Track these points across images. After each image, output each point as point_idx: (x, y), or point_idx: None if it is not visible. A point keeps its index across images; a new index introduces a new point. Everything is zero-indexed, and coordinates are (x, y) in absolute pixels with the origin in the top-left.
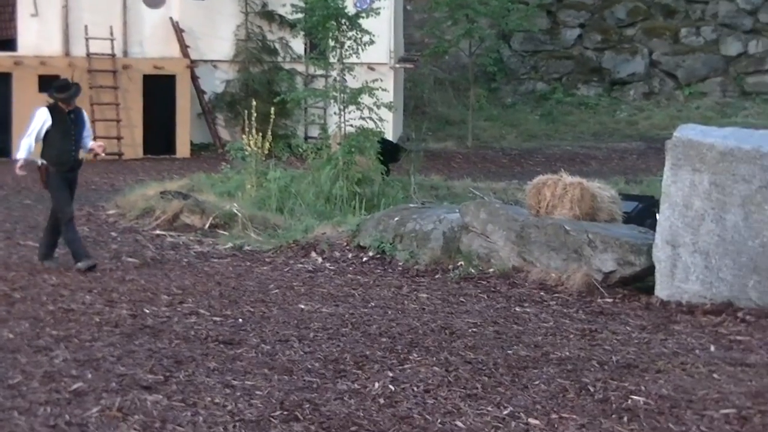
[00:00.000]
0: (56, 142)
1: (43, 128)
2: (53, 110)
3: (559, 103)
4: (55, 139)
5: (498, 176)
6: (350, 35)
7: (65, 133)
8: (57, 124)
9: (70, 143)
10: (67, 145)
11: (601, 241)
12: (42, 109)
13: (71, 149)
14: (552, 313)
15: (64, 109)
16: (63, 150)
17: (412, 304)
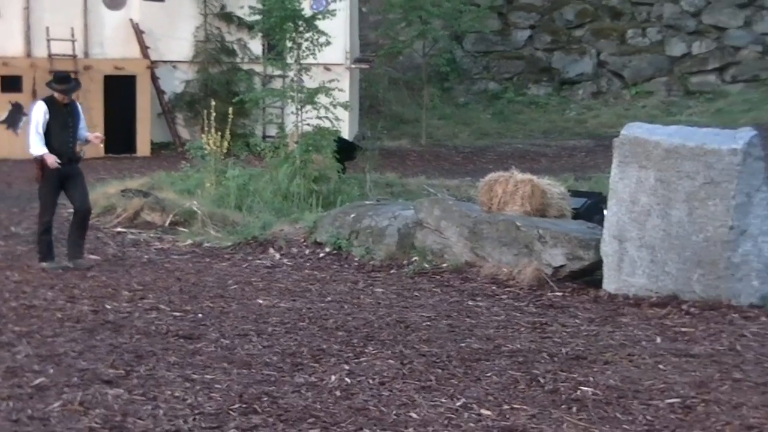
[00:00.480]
0: (54, 134)
1: (43, 121)
2: (50, 103)
3: (511, 102)
4: (54, 132)
5: (451, 174)
6: (307, 36)
7: (63, 125)
8: (55, 116)
9: (68, 135)
10: (64, 137)
11: (551, 237)
12: (39, 103)
13: (69, 141)
14: (504, 306)
15: (61, 102)
16: (61, 142)
17: (368, 299)
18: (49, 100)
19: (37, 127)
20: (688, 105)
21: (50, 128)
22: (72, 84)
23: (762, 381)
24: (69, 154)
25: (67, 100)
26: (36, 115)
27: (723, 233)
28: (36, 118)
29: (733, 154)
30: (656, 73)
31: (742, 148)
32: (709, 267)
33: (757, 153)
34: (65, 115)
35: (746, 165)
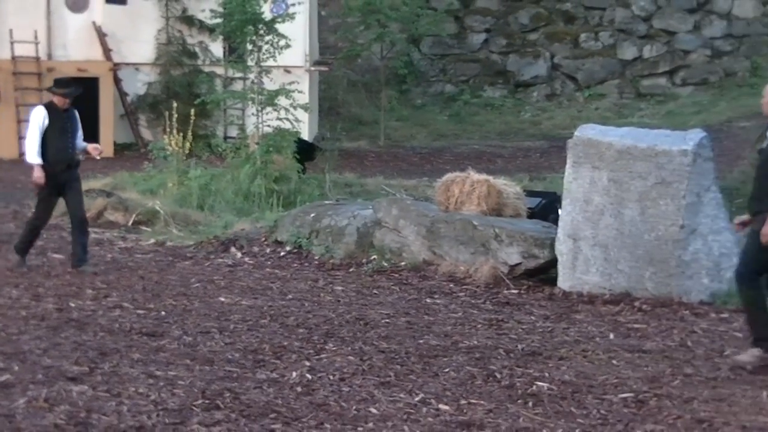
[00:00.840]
0: (52, 140)
1: (42, 127)
2: (50, 108)
3: (467, 104)
4: (52, 138)
5: (409, 174)
6: (267, 39)
7: (62, 131)
8: (54, 122)
9: (66, 141)
10: (63, 143)
11: (506, 236)
12: (38, 108)
13: (68, 147)
14: (461, 304)
15: (60, 108)
16: (60, 148)
17: (328, 297)
18: (49, 106)
19: (35, 133)
20: (640, 107)
21: (49, 134)
22: (72, 89)
23: (712, 376)
24: (67, 159)
25: (67, 105)
26: (35, 120)
27: (674, 232)
28: (34, 124)
29: (684, 155)
30: (608, 76)
31: (692, 149)
32: (660, 265)
33: (706, 154)
34: (64, 120)
35: (696, 165)
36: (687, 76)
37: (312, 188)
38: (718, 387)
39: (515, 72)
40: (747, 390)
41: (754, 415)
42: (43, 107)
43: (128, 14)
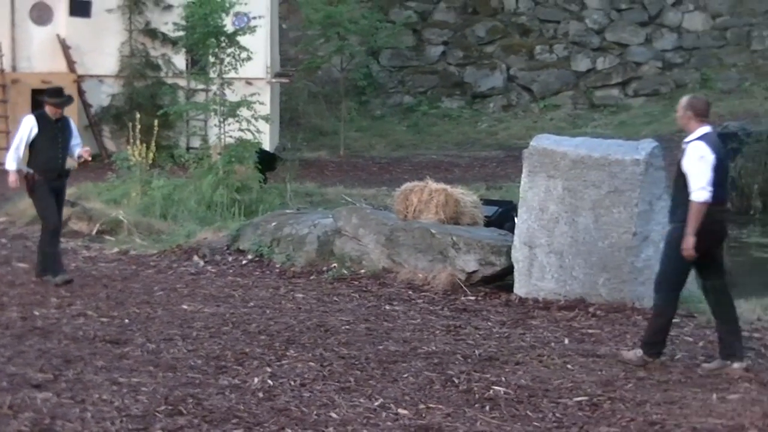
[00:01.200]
0: (43, 149)
1: (30, 136)
2: (40, 118)
3: (425, 114)
4: (42, 147)
5: (368, 183)
6: (229, 52)
7: (52, 140)
8: (44, 131)
9: (57, 150)
10: (53, 153)
11: (464, 243)
12: (28, 117)
13: (58, 156)
14: (419, 310)
15: (51, 117)
16: (49, 157)
17: (289, 304)
18: (40, 115)
19: (20, 142)
20: (593, 117)
21: (39, 143)
22: (65, 98)
23: (664, 379)
24: (57, 169)
25: (59, 114)
26: (22, 129)
27: (627, 239)
28: (21, 132)
29: (636, 164)
30: (563, 87)
31: (644, 159)
32: (613, 271)
33: (658, 163)
34: (55, 130)
35: (648, 174)
36: (639, 88)
37: (273, 197)
38: (669, 390)
39: (472, 83)
40: (697, 393)
41: (704, 417)
42: (33, 116)
43: (92, 27)
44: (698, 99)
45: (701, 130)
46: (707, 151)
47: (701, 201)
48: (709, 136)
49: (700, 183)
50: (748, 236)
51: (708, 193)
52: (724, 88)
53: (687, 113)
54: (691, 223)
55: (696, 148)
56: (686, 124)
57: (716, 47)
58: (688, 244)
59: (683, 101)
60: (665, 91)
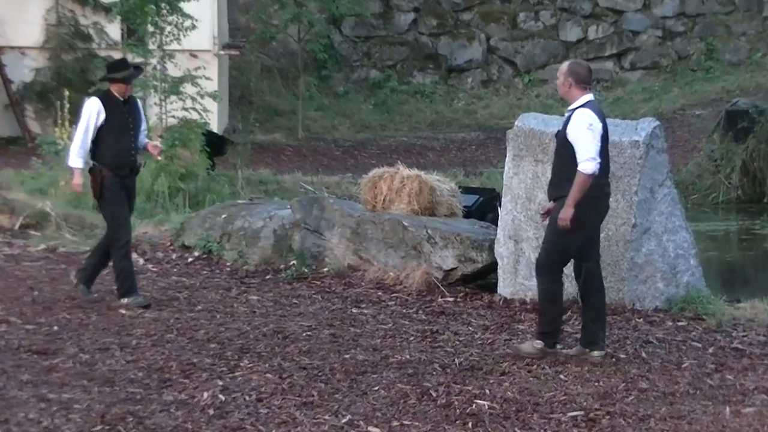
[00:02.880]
0: (112, 139)
1: (96, 123)
2: (106, 100)
3: (394, 91)
4: (111, 137)
5: (331, 170)
6: (171, 20)
7: (122, 127)
8: (112, 116)
9: (129, 140)
10: (125, 143)
11: (440, 237)
12: (91, 100)
13: (131, 147)
14: (390, 314)
15: (119, 98)
16: (121, 149)
17: (242, 307)
18: (105, 97)
19: (85, 132)
20: None
21: (106, 132)
22: (132, 70)
23: (669, 391)
24: (130, 163)
25: (128, 92)
26: (86, 115)
27: (625, 232)
28: (86, 119)
29: (635, 146)
30: (550, 59)
31: (644, 140)
32: (610, 268)
33: (659, 145)
34: (125, 114)
35: (649, 158)
36: (636, 60)
37: (222, 186)
38: (676, 403)
39: (447, 56)
40: (708, 406)
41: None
42: (98, 99)
43: None
44: (580, 64)
45: (585, 98)
46: (595, 119)
47: (589, 173)
48: (594, 104)
49: (588, 153)
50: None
51: (596, 164)
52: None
53: (568, 80)
54: (574, 194)
55: (583, 116)
56: (567, 92)
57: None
58: (566, 214)
59: (563, 67)
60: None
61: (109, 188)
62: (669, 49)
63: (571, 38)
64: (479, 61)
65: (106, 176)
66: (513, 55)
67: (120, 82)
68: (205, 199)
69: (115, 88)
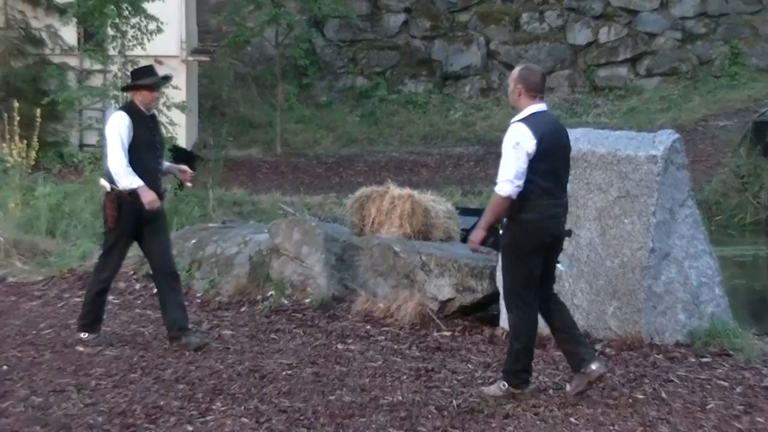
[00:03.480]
0: (138, 160)
1: (127, 138)
2: (132, 113)
3: (383, 101)
4: (137, 157)
5: (313, 189)
6: (133, 22)
7: (149, 146)
8: (140, 133)
9: (156, 161)
10: (152, 164)
11: (436, 264)
12: (118, 113)
13: (157, 170)
14: (380, 350)
15: (144, 111)
16: (148, 172)
17: (214, 343)
18: (130, 110)
19: (121, 147)
20: (596, 103)
21: (132, 151)
22: (158, 77)
23: None
24: (157, 188)
25: (154, 103)
26: (117, 127)
27: (642, 257)
28: (117, 132)
29: (652, 162)
30: (557, 65)
31: (662, 155)
32: (626, 298)
33: (679, 160)
34: (151, 130)
35: (668, 175)
36: (653, 65)
37: (191, 208)
38: None
39: (442, 61)
40: None
41: None
42: (125, 112)
43: None
44: (532, 70)
45: (530, 109)
46: (526, 136)
47: (503, 195)
48: (540, 116)
49: (506, 174)
50: None
51: (514, 187)
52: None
53: (518, 87)
54: (487, 216)
55: (513, 132)
56: (516, 100)
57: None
58: (476, 236)
59: (514, 73)
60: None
61: (126, 219)
62: (689, 53)
63: (580, 41)
64: (478, 68)
65: (125, 203)
66: (515, 61)
67: (146, 89)
68: (172, 223)
69: (139, 98)
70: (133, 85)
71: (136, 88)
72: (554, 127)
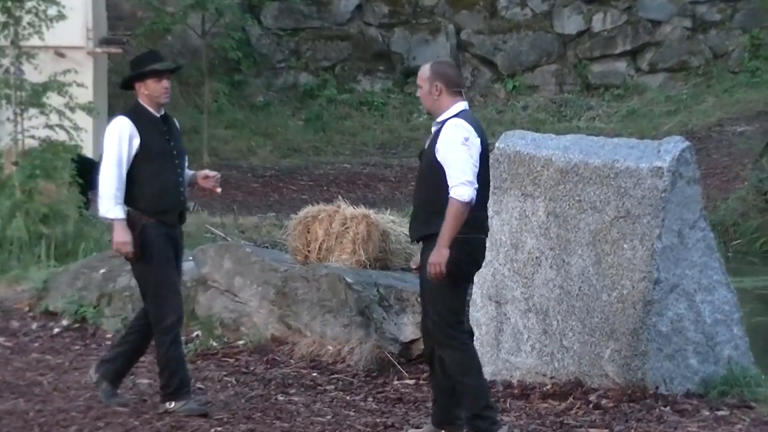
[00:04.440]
0: (151, 173)
1: (130, 152)
2: (137, 118)
3: (332, 102)
4: (149, 169)
5: (247, 207)
6: (29, 6)
7: (164, 154)
8: (148, 140)
9: (174, 173)
10: (170, 177)
11: (396, 298)
12: (117, 120)
13: (177, 183)
14: (330, 402)
15: (154, 112)
16: (165, 186)
17: (129, 395)
18: (135, 113)
19: (118, 166)
20: (589, 105)
21: (142, 163)
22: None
23: None
24: (179, 205)
25: (164, 99)
26: (114, 140)
27: (645, 290)
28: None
29: (657, 175)
30: (542, 58)
31: (669, 167)
32: (626, 339)
33: (690, 173)
34: (164, 135)
35: (676, 191)
36: (657, 59)
37: (101, 231)
38: None
39: (403, 54)
40: None
41: None
42: (126, 117)
43: None
44: (447, 64)
45: (458, 106)
46: (472, 132)
47: (465, 200)
48: (468, 115)
49: (464, 175)
50: None
51: (473, 190)
52: None
53: (436, 86)
54: (448, 229)
55: (456, 128)
56: (435, 102)
57: None
58: (440, 257)
59: (425, 71)
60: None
61: (151, 244)
62: (701, 44)
63: (570, 30)
64: None
65: (147, 226)
66: (492, 54)
67: (151, 78)
68: (77, 248)
69: (145, 93)
70: (134, 76)
71: (139, 78)
72: (482, 128)
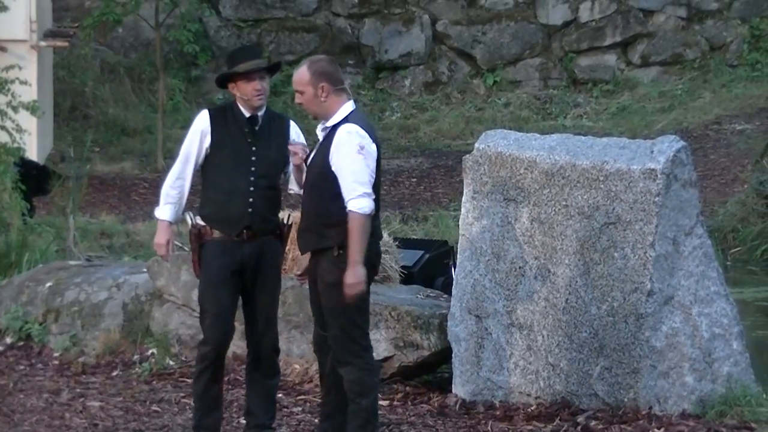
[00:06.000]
0: (217, 177)
1: (200, 152)
2: (219, 114)
3: None
4: (217, 173)
5: None
6: None
7: (237, 157)
8: (222, 139)
9: (246, 180)
10: (238, 184)
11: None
12: (201, 113)
13: (247, 192)
14: (296, 425)
15: (243, 111)
16: (231, 193)
17: (78, 418)
18: (220, 110)
19: (184, 163)
20: (576, 101)
21: (211, 165)
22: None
23: None
24: (246, 218)
25: (258, 101)
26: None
27: (637, 302)
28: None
29: (650, 177)
30: (525, 51)
31: (662, 169)
32: (617, 355)
33: (686, 175)
34: (245, 137)
35: (670, 195)
36: (650, 52)
37: (46, 240)
38: None
39: (374, 47)
40: None
41: None
42: (208, 112)
43: None
44: (325, 60)
45: (346, 108)
46: (366, 138)
47: (367, 213)
48: (359, 116)
49: (362, 186)
50: None
51: (372, 201)
52: None
53: (321, 87)
54: (358, 245)
55: (350, 135)
56: (322, 104)
57: None
58: (357, 276)
59: (303, 73)
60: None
61: (208, 260)
62: (697, 35)
63: (555, 20)
64: (421, 55)
65: (206, 240)
66: (470, 46)
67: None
68: (20, 260)
69: (237, 94)
70: (225, 76)
71: (230, 79)
72: (373, 129)
